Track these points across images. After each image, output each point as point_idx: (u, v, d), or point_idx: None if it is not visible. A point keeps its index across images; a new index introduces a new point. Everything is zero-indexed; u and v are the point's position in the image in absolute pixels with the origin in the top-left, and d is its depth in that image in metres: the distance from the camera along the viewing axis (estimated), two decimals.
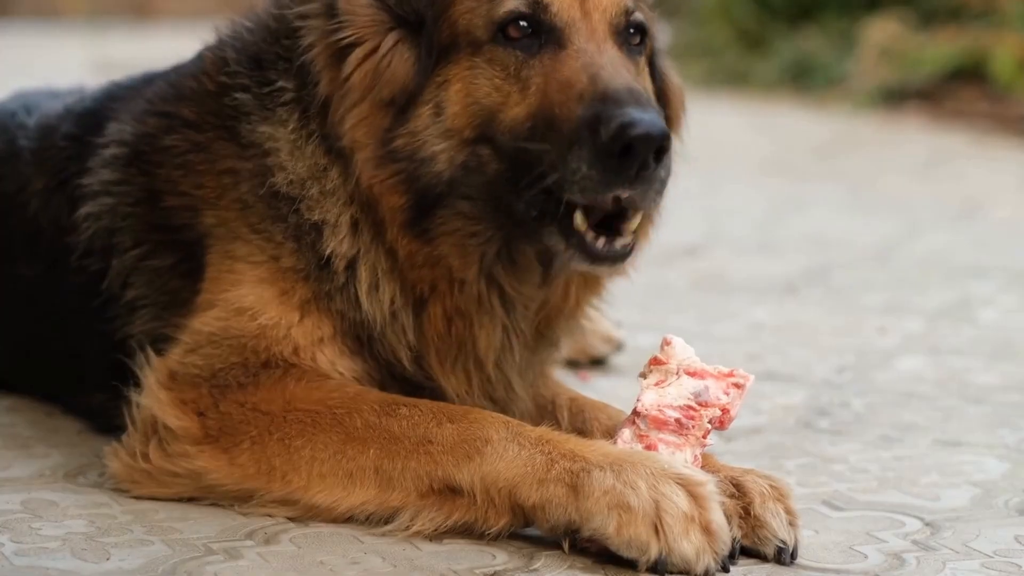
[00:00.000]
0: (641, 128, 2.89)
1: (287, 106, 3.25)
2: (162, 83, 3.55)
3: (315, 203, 3.21)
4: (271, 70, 3.30)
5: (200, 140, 3.34)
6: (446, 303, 3.19)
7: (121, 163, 3.46)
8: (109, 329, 3.41)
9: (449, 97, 3.09)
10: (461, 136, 3.09)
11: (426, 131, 3.10)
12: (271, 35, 3.35)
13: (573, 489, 2.85)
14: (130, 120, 3.50)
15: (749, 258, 6.70)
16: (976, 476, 3.59)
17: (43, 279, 3.63)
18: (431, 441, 2.98)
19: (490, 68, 3.09)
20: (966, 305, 5.72)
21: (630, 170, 2.92)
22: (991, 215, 8.05)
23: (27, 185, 3.70)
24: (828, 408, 4.21)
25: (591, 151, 2.92)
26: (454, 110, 3.09)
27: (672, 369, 3.05)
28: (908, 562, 2.99)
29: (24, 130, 3.83)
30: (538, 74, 3.06)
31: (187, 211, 3.33)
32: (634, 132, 2.89)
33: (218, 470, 3.08)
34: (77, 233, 3.48)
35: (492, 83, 3.08)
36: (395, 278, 3.19)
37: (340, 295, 3.21)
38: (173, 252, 3.36)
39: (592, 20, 3.11)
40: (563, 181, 2.95)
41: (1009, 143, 10.58)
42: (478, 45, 3.10)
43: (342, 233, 3.19)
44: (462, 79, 3.10)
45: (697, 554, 2.77)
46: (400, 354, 3.24)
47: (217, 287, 3.25)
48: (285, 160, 3.23)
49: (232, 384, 3.14)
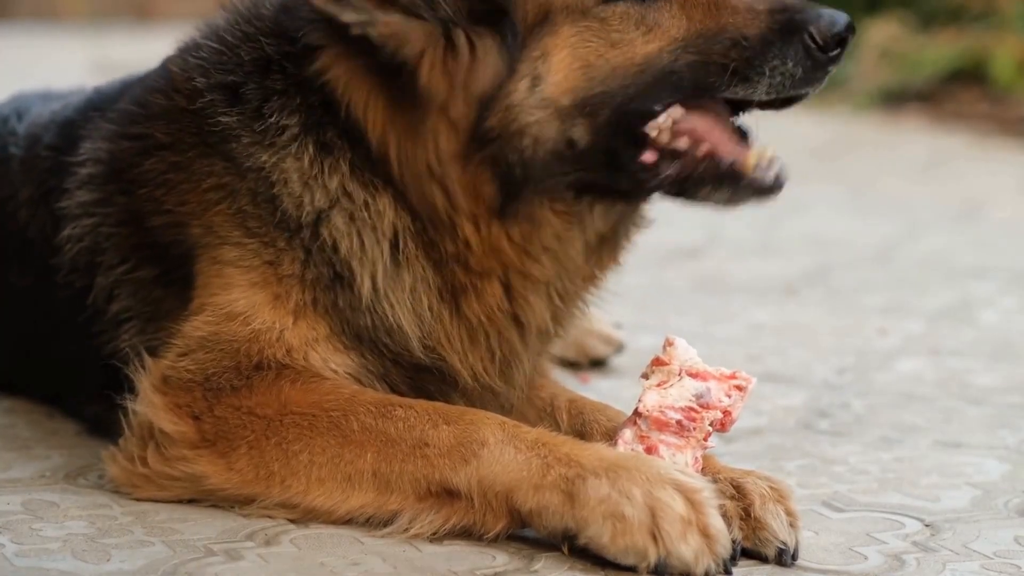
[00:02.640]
0: (844, 20, 3.07)
1: (295, 141, 3.15)
2: (129, 102, 3.44)
3: (341, 234, 3.13)
4: (259, 104, 3.18)
5: (178, 161, 3.25)
6: (512, 278, 3.15)
7: (98, 182, 3.39)
8: (97, 343, 3.38)
9: (551, 67, 3.02)
10: (557, 105, 3.02)
11: (522, 103, 3.01)
12: (243, 68, 3.22)
13: (569, 496, 2.84)
14: (101, 140, 3.42)
15: (749, 259, 6.70)
16: (976, 477, 3.59)
17: (34, 289, 3.61)
18: (427, 444, 2.97)
19: (604, 27, 3.04)
20: (966, 306, 5.72)
21: (835, 63, 3.11)
22: (991, 216, 8.05)
23: (16, 194, 3.67)
24: (828, 409, 4.21)
25: (801, 50, 3.06)
26: (556, 79, 3.02)
27: (674, 370, 3.04)
28: (908, 563, 3.00)
29: (14, 137, 3.79)
30: (668, 10, 3.08)
31: (173, 227, 3.26)
32: (843, 25, 3.07)
33: (217, 475, 3.07)
34: (60, 255, 3.43)
35: (608, 41, 3.04)
36: (435, 283, 3.15)
37: (354, 309, 3.16)
38: (158, 264, 3.30)
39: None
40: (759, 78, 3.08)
41: (1009, 144, 10.59)
42: (584, 11, 3.04)
43: (376, 266, 3.12)
44: (567, 47, 3.03)
45: (696, 556, 2.76)
46: (414, 346, 3.20)
47: (207, 292, 3.20)
48: (296, 190, 3.14)
49: (225, 387, 3.11)
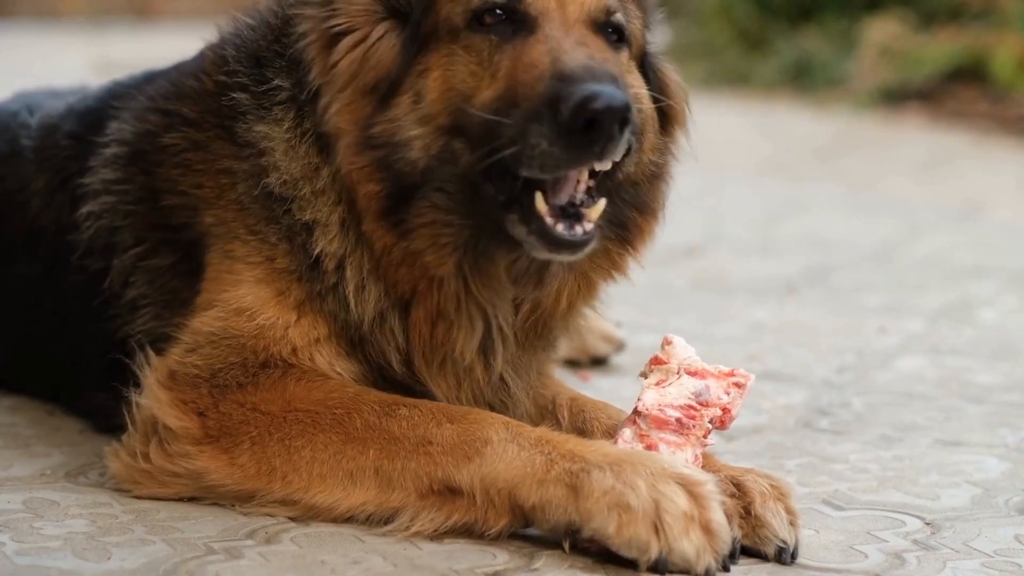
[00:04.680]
0: (602, 101, 2.86)
1: (283, 105, 3.26)
2: (163, 81, 3.55)
3: (307, 203, 3.21)
4: (268, 68, 3.31)
5: (199, 139, 3.34)
6: (428, 304, 3.19)
7: (122, 162, 3.46)
8: (109, 328, 3.41)
9: (428, 84, 3.10)
10: (436, 123, 3.08)
11: (405, 117, 3.10)
12: (271, 32, 3.36)
13: (573, 490, 2.85)
14: (131, 118, 3.50)
15: (749, 258, 6.70)
16: (976, 476, 3.60)
17: (43, 279, 3.64)
18: (431, 442, 2.98)
19: (466, 55, 3.10)
20: (966, 305, 5.73)
21: (595, 144, 2.90)
22: (991, 216, 8.05)
23: (28, 184, 3.71)
24: (828, 408, 4.21)
25: (552, 127, 2.89)
26: (432, 97, 3.09)
27: (673, 368, 3.05)
28: (908, 561, 3.00)
29: (26, 129, 3.84)
30: (507, 58, 3.05)
31: (187, 210, 3.33)
32: (595, 105, 2.86)
33: (218, 470, 3.08)
34: (78, 232, 3.48)
35: (468, 68, 3.09)
36: (379, 278, 3.19)
37: (331, 296, 3.22)
38: (173, 251, 3.36)
39: (567, 11, 3.11)
40: (521, 155, 2.92)
41: (1009, 143, 10.59)
42: (456, 32, 3.11)
43: (332, 233, 3.20)
44: (441, 66, 3.11)
45: (698, 553, 2.77)
46: (390, 357, 3.24)
47: (216, 287, 3.25)
48: (279, 160, 3.24)
49: (231, 384, 3.14)
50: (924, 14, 12.79)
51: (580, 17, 3.12)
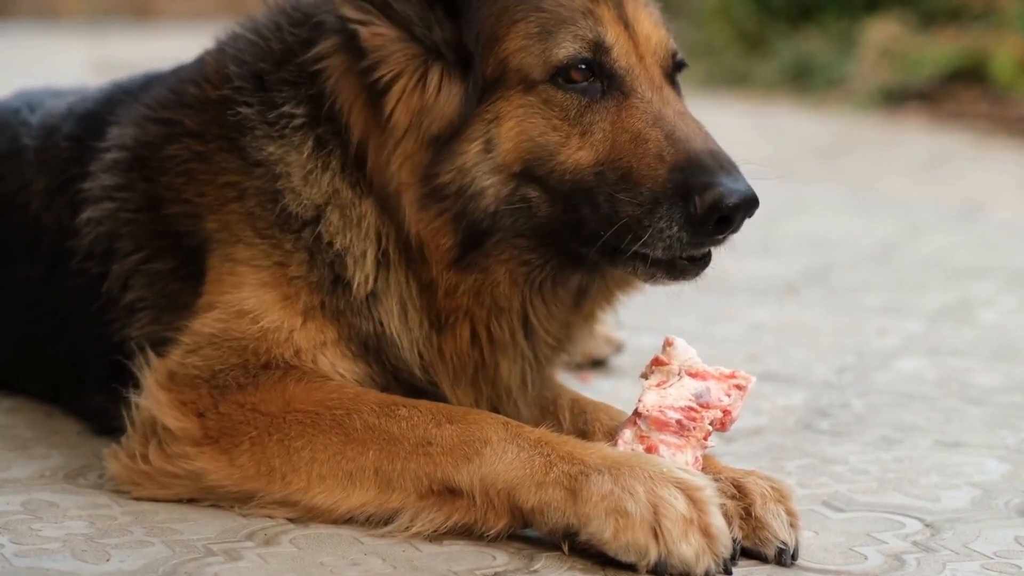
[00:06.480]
0: (736, 198, 2.95)
1: (299, 132, 3.23)
2: (162, 88, 3.52)
3: (336, 230, 3.19)
4: (275, 93, 3.27)
5: (202, 151, 3.32)
6: (477, 327, 3.19)
7: (122, 168, 3.44)
8: (108, 331, 3.40)
9: (501, 133, 3.07)
10: (510, 171, 3.07)
11: (476, 167, 3.07)
12: (272, 57, 3.31)
13: (571, 493, 2.84)
14: (131, 125, 3.48)
15: (749, 259, 6.69)
16: (976, 477, 3.59)
17: (44, 280, 3.63)
18: (430, 442, 2.98)
19: (547, 108, 3.08)
20: (966, 306, 5.72)
21: (723, 235, 3.01)
22: (991, 216, 8.05)
23: (29, 185, 3.70)
24: (828, 409, 4.21)
25: (684, 217, 2.97)
26: (507, 147, 3.07)
27: (674, 370, 3.05)
28: (908, 563, 2.99)
29: (27, 128, 3.82)
30: (604, 120, 3.07)
31: (189, 218, 3.32)
32: (730, 203, 2.94)
33: (218, 471, 3.08)
34: (78, 237, 3.47)
35: (550, 123, 3.07)
36: (424, 307, 3.19)
37: (355, 312, 3.20)
38: (174, 256, 3.35)
39: (647, 64, 3.14)
40: (648, 238, 2.99)
41: (1009, 144, 10.59)
42: (531, 84, 3.08)
43: (366, 267, 3.18)
44: (515, 116, 3.08)
45: (697, 556, 2.77)
46: (411, 364, 3.24)
47: (218, 289, 3.24)
48: (297, 185, 3.21)
49: (232, 385, 3.13)
50: (924, 15, 12.78)
51: (658, 69, 3.16)
